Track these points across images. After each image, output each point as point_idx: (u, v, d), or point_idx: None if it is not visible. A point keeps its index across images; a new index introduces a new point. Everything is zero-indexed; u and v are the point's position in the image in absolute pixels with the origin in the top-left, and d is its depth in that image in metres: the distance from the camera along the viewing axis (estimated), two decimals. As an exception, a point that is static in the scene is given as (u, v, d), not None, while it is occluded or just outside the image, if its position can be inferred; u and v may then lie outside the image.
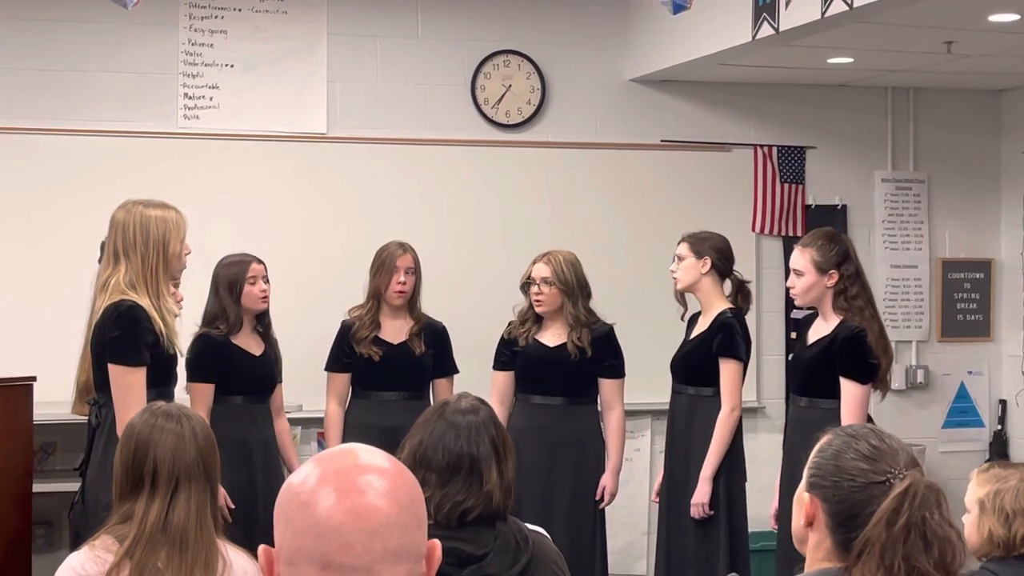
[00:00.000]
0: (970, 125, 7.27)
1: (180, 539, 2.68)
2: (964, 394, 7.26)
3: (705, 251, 5.06)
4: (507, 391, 5.26)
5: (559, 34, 6.70)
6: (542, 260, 5.22)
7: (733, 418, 5.01)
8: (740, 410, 5.05)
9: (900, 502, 1.79)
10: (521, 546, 2.62)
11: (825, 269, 4.60)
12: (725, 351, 5.01)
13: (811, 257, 4.62)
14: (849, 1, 4.88)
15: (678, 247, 5.13)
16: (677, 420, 5.15)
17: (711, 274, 5.06)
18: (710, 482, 4.97)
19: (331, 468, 1.51)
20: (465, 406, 2.74)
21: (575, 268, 5.20)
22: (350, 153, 6.44)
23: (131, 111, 6.20)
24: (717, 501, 4.99)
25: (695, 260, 5.05)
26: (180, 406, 2.93)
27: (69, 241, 5.90)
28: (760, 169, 6.94)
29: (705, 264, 5.05)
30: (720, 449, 4.98)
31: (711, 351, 5.01)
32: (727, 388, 5.00)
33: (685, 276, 5.08)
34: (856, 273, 4.65)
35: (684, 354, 5.13)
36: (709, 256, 5.05)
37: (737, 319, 5.05)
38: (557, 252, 5.24)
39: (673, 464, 5.15)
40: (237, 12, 6.33)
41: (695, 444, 5.03)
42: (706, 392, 5.04)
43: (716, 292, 5.08)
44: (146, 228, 4.20)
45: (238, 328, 5.04)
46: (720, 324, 5.02)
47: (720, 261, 5.07)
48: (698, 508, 4.97)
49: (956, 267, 7.26)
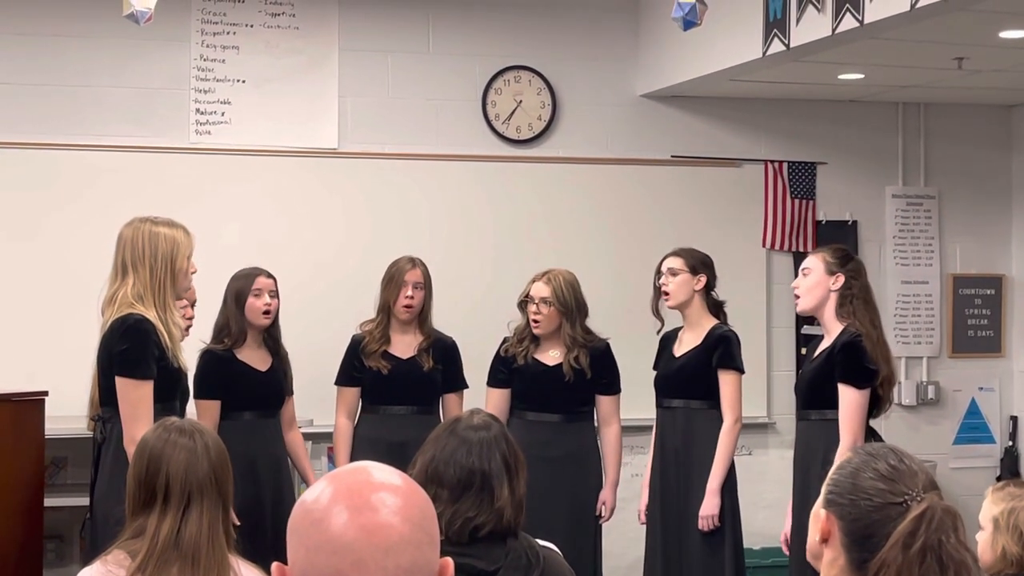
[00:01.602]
0: (981, 141, 7.26)
1: (192, 555, 2.68)
2: (975, 410, 7.24)
3: (700, 268, 5.08)
4: (503, 408, 5.25)
5: (570, 50, 6.72)
6: (542, 279, 5.21)
7: (736, 430, 5.03)
8: (741, 421, 5.06)
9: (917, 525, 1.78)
10: (532, 562, 2.61)
11: (833, 271, 4.62)
12: (726, 363, 5.02)
13: (823, 258, 4.66)
14: (860, 17, 4.89)
15: (668, 261, 5.12)
16: (670, 435, 5.12)
17: (702, 291, 5.07)
18: (718, 494, 4.96)
19: (344, 486, 1.51)
20: (477, 422, 2.73)
21: (574, 289, 5.20)
22: (361, 168, 6.46)
23: (143, 126, 6.22)
24: (723, 514, 4.98)
25: (690, 276, 5.07)
26: (193, 422, 2.94)
27: (81, 256, 5.91)
28: (771, 185, 6.94)
29: (700, 281, 5.07)
30: (725, 461, 4.99)
31: (709, 364, 5.02)
32: (729, 400, 5.01)
33: (679, 292, 5.07)
34: (864, 288, 4.66)
35: (677, 368, 5.10)
36: (704, 274, 5.07)
37: (733, 332, 5.08)
38: (557, 271, 5.24)
39: (668, 480, 5.11)
40: (249, 28, 6.35)
41: (695, 458, 5.02)
42: (701, 405, 5.04)
43: (704, 309, 5.10)
44: (155, 242, 4.21)
45: (242, 341, 5.04)
46: (719, 337, 5.04)
47: (712, 280, 5.11)
48: (707, 520, 4.95)
49: (967, 283, 7.25)
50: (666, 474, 5.12)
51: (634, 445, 6.16)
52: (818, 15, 5.14)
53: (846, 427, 4.48)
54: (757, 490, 6.47)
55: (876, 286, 6.76)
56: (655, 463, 5.19)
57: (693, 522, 4.98)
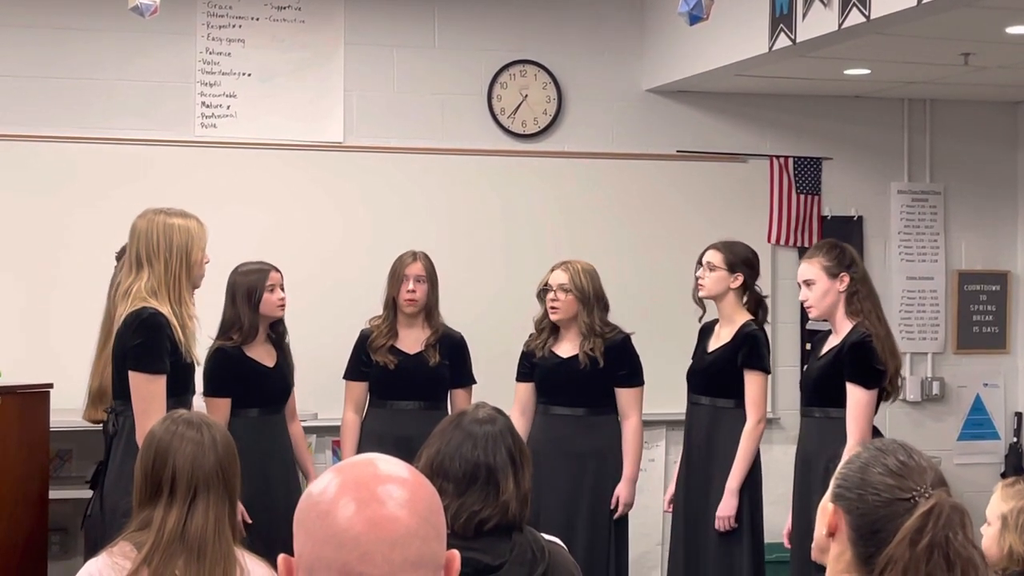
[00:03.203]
0: (987, 137, 7.25)
1: (198, 548, 2.69)
2: (980, 406, 7.24)
3: (739, 266, 5.02)
4: (528, 402, 5.25)
5: (575, 44, 6.71)
6: (560, 268, 5.22)
7: (759, 430, 4.98)
8: (765, 422, 5.03)
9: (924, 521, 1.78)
10: (537, 556, 2.61)
11: (836, 273, 4.60)
12: (752, 363, 4.98)
13: (820, 264, 4.62)
14: (866, 13, 4.88)
15: (709, 254, 5.07)
16: (696, 431, 5.11)
17: (738, 288, 5.05)
18: (736, 495, 4.93)
19: (351, 478, 1.51)
20: (482, 416, 2.73)
21: (592, 277, 5.19)
22: (366, 162, 6.46)
23: (148, 119, 6.22)
24: (741, 515, 4.95)
25: (727, 273, 5.02)
26: (201, 415, 2.94)
27: (86, 248, 5.92)
28: (776, 180, 6.93)
29: (737, 280, 5.02)
30: (746, 462, 4.95)
31: (735, 363, 4.99)
32: (753, 400, 4.97)
33: (714, 287, 5.03)
34: (864, 277, 4.65)
35: (706, 365, 5.08)
36: (742, 273, 5.02)
37: (762, 331, 5.05)
38: (575, 261, 5.24)
39: (692, 476, 5.10)
40: (255, 21, 6.35)
41: (717, 456, 5.00)
42: (727, 404, 5.02)
43: (739, 305, 5.06)
44: (169, 236, 4.21)
45: (252, 337, 5.03)
46: (746, 336, 4.99)
47: (751, 279, 5.06)
48: (724, 521, 4.92)
49: (972, 279, 7.24)
50: (691, 470, 5.11)
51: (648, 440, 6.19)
52: (824, 10, 5.13)
53: (854, 427, 4.47)
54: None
55: (881, 282, 6.80)
56: (683, 459, 5.19)
57: (711, 520, 4.96)
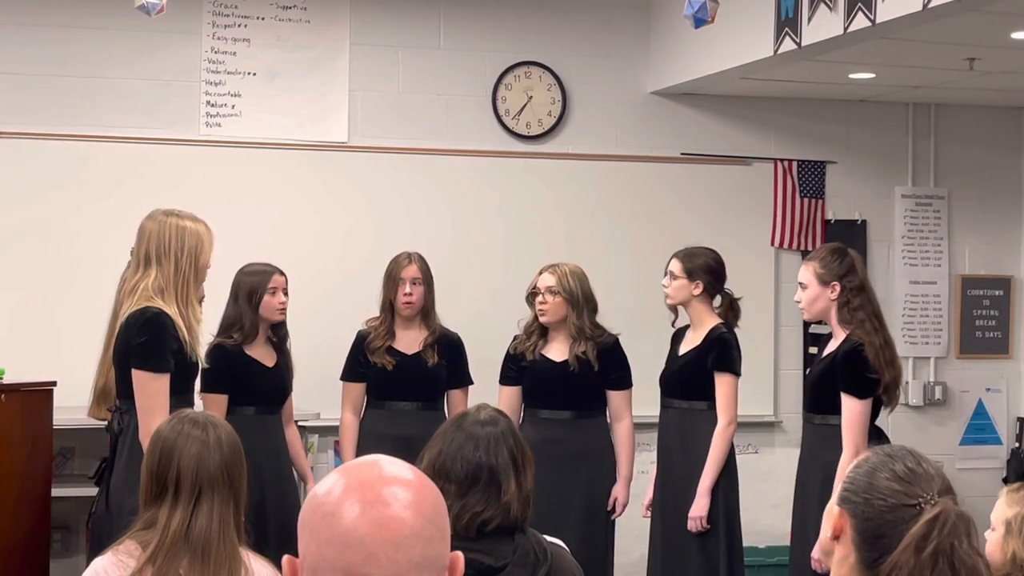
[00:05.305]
0: (991, 141, 7.26)
1: (202, 548, 2.69)
2: (982, 411, 7.24)
3: (697, 274, 5.04)
4: (515, 406, 5.25)
5: (580, 46, 6.72)
6: (548, 270, 5.23)
7: (730, 432, 5.01)
8: (736, 423, 5.05)
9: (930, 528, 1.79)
10: (539, 558, 2.62)
11: (827, 281, 4.60)
12: (721, 366, 5.01)
13: (814, 269, 4.63)
14: (872, 17, 4.88)
15: (671, 263, 5.12)
16: (670, 434, 5.14)
17: (701, 295, 5.07)
18: (708, 495, 4.95)
19: (356, 479, 1.51)
20: (484, 417, 2.74)
21: (581, 280, 5.20)
22: (371, 162, 6.46)
23: (153, 118, 6.23)
24: (716, 516, 4.97)
25: (687, 282, 5.05)
26: (208, 414, 2.95)
27: (90, 247, 5.93)
28: (780, 183, 6.93)
29: (697, 287, 5.05)
30: (717, 463, 4.98)
31: (706, 365, 5.01)
32: (724, 402, 5.00)
33: (676, 295, 5.09)
34: (860, 287, 4.63)
35: (677, 368, 5.11)
36: (701, 280, 5.04)
37: (731, 333, 5.06)
38: (564, 263, 5.25)
39: (667, 479, 5.12)
40: (260, 21, 6.36)
41: (691, 459, 5.01)
42: (700, 406, 5.04)
43: (706, 309, 5.09)
44: (181, 237, 4.22)
45: (252, 337, 5.04)
46: (715, 339, 5.02)
47: (711, 285, 5.08)
48: (696, 522, 4.94)
49: (975, 284, 7.24)
50: (666, 473, 5.14)
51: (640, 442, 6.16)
52: (830, 14, 5.14)
53: (848, 436, 4.49)
54: (763, 489, 6.47)
55: (884, 286, 6.81)
56: (658, 462, 5.21)
57: (686, 522, 4.98)
